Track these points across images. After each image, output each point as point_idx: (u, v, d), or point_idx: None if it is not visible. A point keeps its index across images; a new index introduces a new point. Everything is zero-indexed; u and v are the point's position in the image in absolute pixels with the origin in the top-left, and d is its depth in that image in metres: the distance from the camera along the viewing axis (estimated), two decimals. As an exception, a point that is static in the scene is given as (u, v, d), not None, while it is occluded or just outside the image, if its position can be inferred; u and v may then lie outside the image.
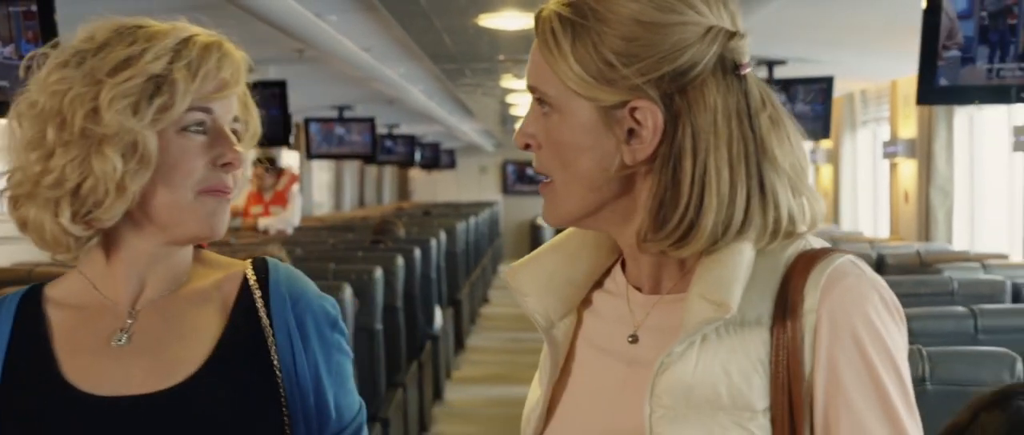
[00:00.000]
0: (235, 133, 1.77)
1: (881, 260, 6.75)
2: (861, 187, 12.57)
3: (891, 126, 10.73)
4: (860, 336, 1.43)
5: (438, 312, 9.89)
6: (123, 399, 1.70)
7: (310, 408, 1.78)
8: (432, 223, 13.57)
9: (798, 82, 9.57)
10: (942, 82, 5.11)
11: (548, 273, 1.66)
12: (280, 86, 9.87)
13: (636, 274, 1.61)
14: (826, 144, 12.80)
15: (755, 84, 1.52)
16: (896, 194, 10.60)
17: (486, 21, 8.15)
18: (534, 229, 26.29)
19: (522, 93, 14.92)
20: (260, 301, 1.81)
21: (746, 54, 1.52)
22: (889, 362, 1.43)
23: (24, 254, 7.51)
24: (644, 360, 1.52)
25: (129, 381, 1.71)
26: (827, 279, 1.45)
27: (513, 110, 18.44)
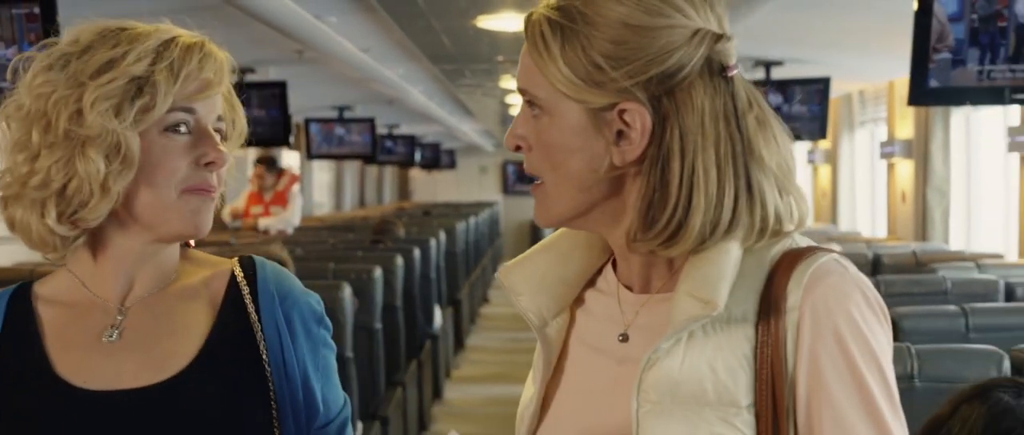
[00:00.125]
0: (220, 132, 1.78)
1: (877, 260, 6.78)
2: (859, 187, 12.55)
3: (889, 127, 10.71)
4: (842, 333, 1.44)
5: (438, 312, 9.89)
6: (115, 393, 1.71)
7: (298, 402, 1.79)
8: (432, 223, 13.56)
9: (795, 83, 9.55)
10: (933, 83, 5.13)
11: (541, 272, 1.68)
12: (280, 87, 9.87)
13: (627, 273, 1.62)
14: (824, 144, 12.78)
15: (742, 85, 1.53)
16: (894, 194, 10.59)
17: (484, 22, 8.17)
18: (534, 229, 26.23)
19: (521, 94, 14.93)
20: (248, 297, 1.83)
21: (733, 56, 1.53)
22: (871, 359, 1.45)
23: (26, 254, 7.53)
24: (634, 358, 1.53)
25: (120, 376, 1.73)
26: (810, 277, 1.46)
27: (513, 111, 18.42)
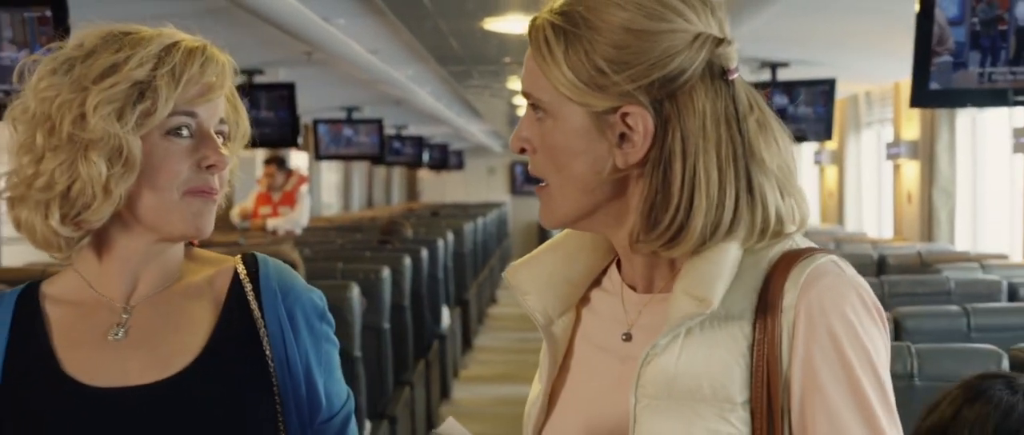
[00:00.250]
0: (222, 134, 1.80)
1: (882, 260, 6.79)
2: (865, 188, 12.53)
3: (895, 128, 10.68)
4: (837, 334, 1.45)
5: (445, 312, 9.90)
6: (121, 390, 1.74)
7: (301, 397, 1.82)
8: (440, 223, 13.56)
9: (801, 84, 9.55)
10: (935, 86, 5.16)
11: (547, 272, 1.69)
12: (289, 88, 9.88)
13: (630, 273, 1.64)
14: (831, 145, 12.76)
15: (743, 88, 1.55)
16: (899, 195, 10.58)
17: (492, 24, 8.20)
18: (542, 230, 26.06)
19: (529, 95, 14.93)
20: (251, 294, 1.85)
21: (734, 59, 1.54)
22: (865, 359, 1.46)
23: (36, 254, 7.54)
24: (636, 357, 1.54)
25: (127, 373, 1.76)
26: (807, 277, 1.48)
27: (520, 112, 18.42)
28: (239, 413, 1.77)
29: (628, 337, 1.61)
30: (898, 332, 3.97)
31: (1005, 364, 3.09)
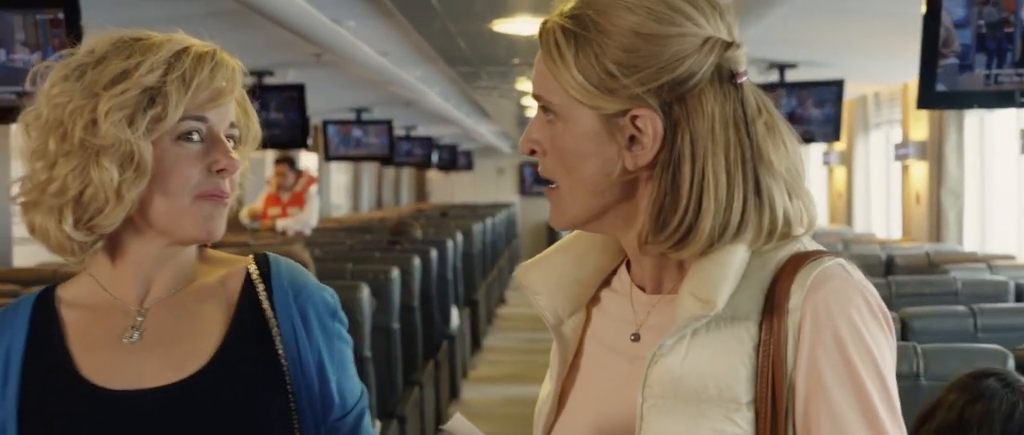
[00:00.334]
0: (233, 138, 1.82)
1: (891, 261, 6.80)
2: (874, 189, 12.52)
3: (903, 129, 10.68)
4: (842, 336, 1.46)
5: (455, 312, 9.91)
6: (137, 392, 1.76)
7: (315, 395, 1.84)
8: (449, 224, 13.58)
9: (809, 85, 9.57)
10: (941, 87, 5.18)
11: (557, 272, 1.70)
12: (298, 89, 9.91)
13: (639, 274, 1.65)
14: (839, 146, 12.74)
15: (751, 92, 1.56)
16: (908, 196, 10.57)
17: (501, 26, 8.23)
18: (551, 230, 26.11)
19: (538, 96, 14.94)
20: (263, 294, 1.86)
21: (742, 63, 1.55)
22: (870, 362, 1.46)
23: (49, 255, 7.53)
24: (644, 357, 1.55)
25: (142, 375, 1.78)
26: (813, 280, 1.48)
27: (529, 112, 18.42)
28: (253, 413, 1.78)
29: (637, 337, 1.62)
30: (905, 332, 3.98)
31: (1010, 364, 3.10)
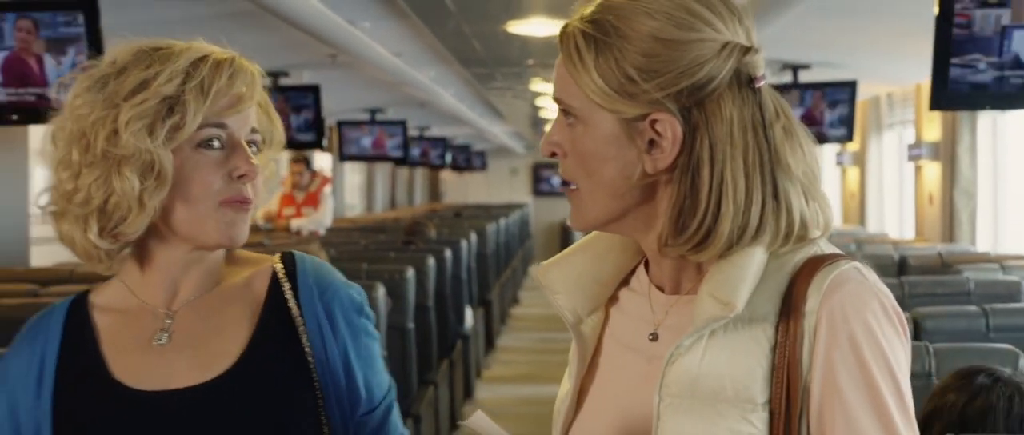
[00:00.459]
0: (255, 143, 1.85)
1: (903, 261, 6.79)
2: (887, 189, 12.52)
3: (916, 129, 10.69)
4: (857, 340, 1.47)
5: (469, 312, 9.93)
6: (167, 393, 1.80)
7: (342, 391, 1.86)
8: (463, 224, 13.60)
9: (823, 86, 9.58)
10: (954, 88, 5.21)
11: (577, 272, 1.72)
12: (314, 90, 9.96)
13: (658, 275, 1.67)
14: (852, 146, 12.73)
15: (769, 96, 1.57)
16: (921, 196, 10.56)
17: (515, 27, 8.26)
18: (564, 231, 26.15)
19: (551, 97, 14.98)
20: (289, 293, 1.89)
21: (760, 67, 1.57)
22: (884, 365, 1.48)
23: (65, 255, 7.60)
24: (662, 357, 1.56)
25: (171, 377, 1.81)
26: (830, 284, 1.50)
27: (543, 113, 18.47)
28: (281, 410, 1.81)
29: (655, 337, 1.64)
30: (917, 332, 3.99)
31: (1021, 364, 3.13)
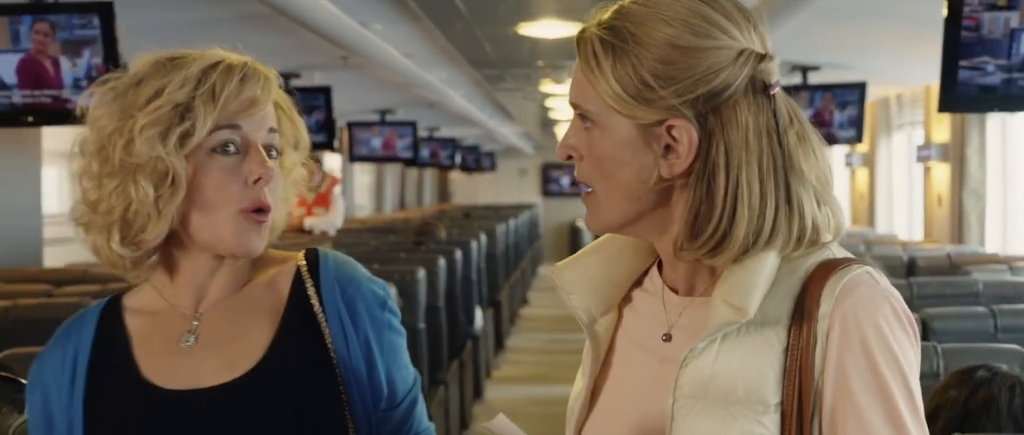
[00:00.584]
0: (273, 147, 1.87)
1: (912, 262, 6.82)
2: (896, 190, 12.55)
3: (925, 130, 10.71)
4: (869, 343, 1.49)
5: (478, 312, 9.95)
6: (194, 392, 1.83)
7: (364, 385, 1.88)
8: (472, 225, 13.59)
9: (832, 87, 9.59)
10: (963, 90, 5.23)
11: (590, 273, 1.74)
12: (325, 92, 9.99)
13: (672, 277, 1.68)
14: (862, 148, 12.76)
15: (783, 102, 1.58)
16: (930, 197, 10.58)
17: (526, 29, 8.29)
18: (573, 231, 26.22)
19: (561, 98, 15.01)
20: (312, 289, 1.90)
21: (775, 74, 1.58)
22: (896, 368, 1.50)
23: (76, 255, 7.70)
24: (675, 357, 1.58)
25: (199, 376, 1.84)
26: (842, 288, 1.51)
27: (552, 114, 18.52)
28: (305, 406, 1.84)
29: (668, 338, 1.66)
30: (926, 333, 4.01)
31: (1028, 363, 3.17)
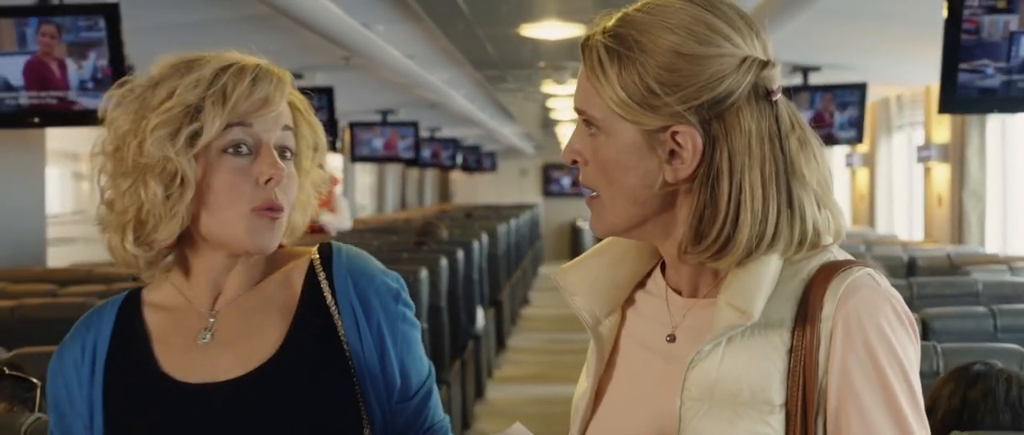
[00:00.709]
0: (287, 149, 1.88)
1: (912, 262, 6.84)
2: (896, 191, 12.57)
3: (925, 131, 10.73)
4: (872, 344, 1.52)
5: (480, 312, 9.97)
6: (211, 386, 1.86)
7: (378, 377, 1.90)
8: (474, 225, 13.61)
9: (833, 88, 9.61)
10: (963, 92, 5.26)
11: (594, 275, 1.77)
12: (327, 92, 10.01)
13: (676, 279, 1.71)
14: (862, 148, 12.78)
15: (785, 108, 1.61)
16: (930, 198, 10.60)
17: (527, 31, 8.32)
18: (574, 231, 26.26)
19: (562, 98, 15.03)
20: (325, 282, 1.92)
21: (777, 81, 1.61)
22: (898, 367, 1.53)
23: (81, 256, 7.73)
24: (679, 357, 1.62)
25: (215, 371, 1.87)
26: (845, 290, 1.54)
27: (553, 114, 18.53)
28: (319, 398, 1.86)
29: (672, 338, 1.69)
30: (926, 332, 4.04)
31: (1028, 363, 3.20)
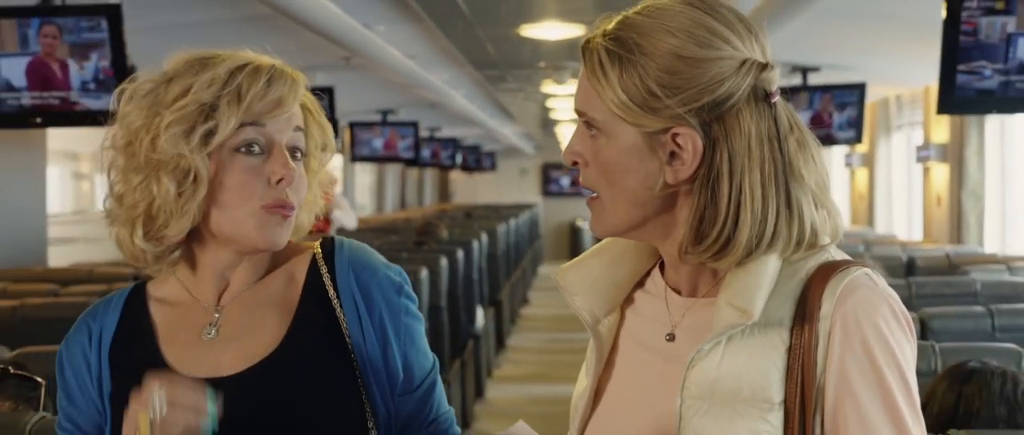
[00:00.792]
0: (298, 148, 1.89)
1: (911, 262, 6.85)
2: (895, 191, 12.56)
3: (924, 131, 10.73)
4: (869, 343, 1.54)
5: (480, 312, 9.98)
6: (215, 380, 1.85)
7: (380, 370, 1.92)
8: (473, 225, 13.62)
9: (832, 88, 9.62)
10: (962, 92, 5.27)
11: (594, 275, 1.78)
12: (328, 92, 9.98)
13: (675, 279, 1.73)
14: (861, 148, 12.76)
15: (784, 110, 1.63)
16: (929, 198, 10.60)
17: (528, 31, 8.34)
18: (573, 231, 26.26)
19: (562, 98, 15.05)
20: (327, 276, 1.94)
21: (776, 83, 1.62)
22: (895, 366, 1.55)
23: (82, 255, 7.75)
24: (679, 356, 1.63)
25: (220, 366, 1.89)
26: (843, 290, 1.56)
27: (553, 114, 18.54)
28: (322, 392, 1.88)
29: (672, 337, 1.70)
30: (924, 332, 4.06)
31: (1024, 361, 3.22)
